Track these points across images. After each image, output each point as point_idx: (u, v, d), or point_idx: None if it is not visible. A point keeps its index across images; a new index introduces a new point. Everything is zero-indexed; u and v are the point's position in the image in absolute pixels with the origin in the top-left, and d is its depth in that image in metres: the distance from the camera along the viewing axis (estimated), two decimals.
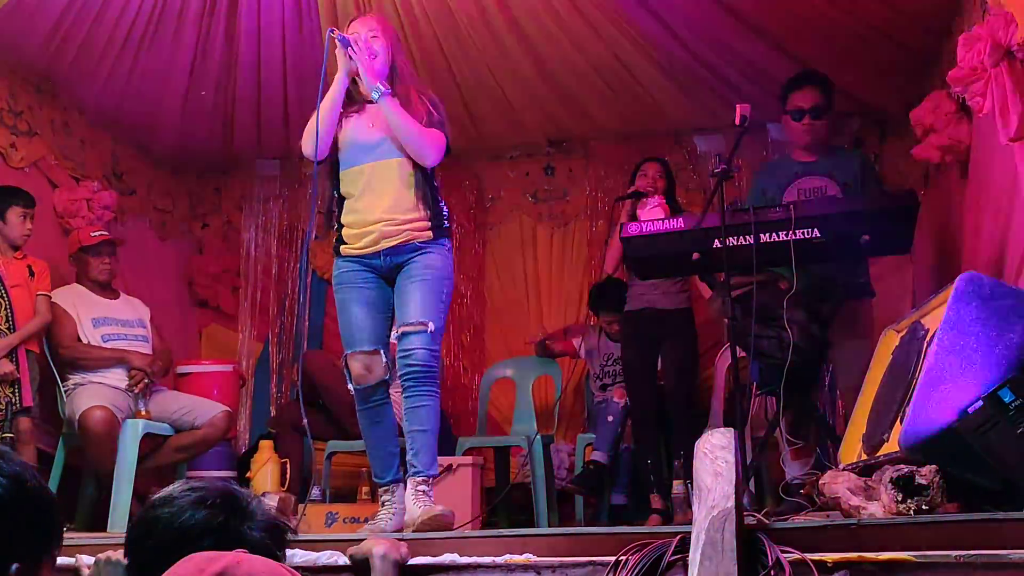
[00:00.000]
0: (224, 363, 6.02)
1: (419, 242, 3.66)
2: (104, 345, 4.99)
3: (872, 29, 4.97)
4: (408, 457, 3.62)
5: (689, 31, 5.24)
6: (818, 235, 3.88)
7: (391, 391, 3.78)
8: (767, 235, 3.90)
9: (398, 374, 3.66)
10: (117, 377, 4.92)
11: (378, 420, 3.72)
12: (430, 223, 3.69)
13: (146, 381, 4.92)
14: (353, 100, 3.82)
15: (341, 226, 3.78)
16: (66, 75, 5.46)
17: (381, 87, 3.66)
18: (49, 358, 4.87)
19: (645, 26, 5.21)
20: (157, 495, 1.77)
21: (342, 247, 3.77)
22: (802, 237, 3.88)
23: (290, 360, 6.77)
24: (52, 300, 4.87)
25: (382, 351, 3.68)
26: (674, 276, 4.89)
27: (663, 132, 6.41)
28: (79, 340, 4.95)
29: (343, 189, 3.78)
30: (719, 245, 3.89)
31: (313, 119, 3.70)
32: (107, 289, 5.19)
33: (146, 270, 6.30)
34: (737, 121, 3.83)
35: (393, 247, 3.68)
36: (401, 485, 3.71)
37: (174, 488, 1.77)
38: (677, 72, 5.64)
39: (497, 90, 5.85)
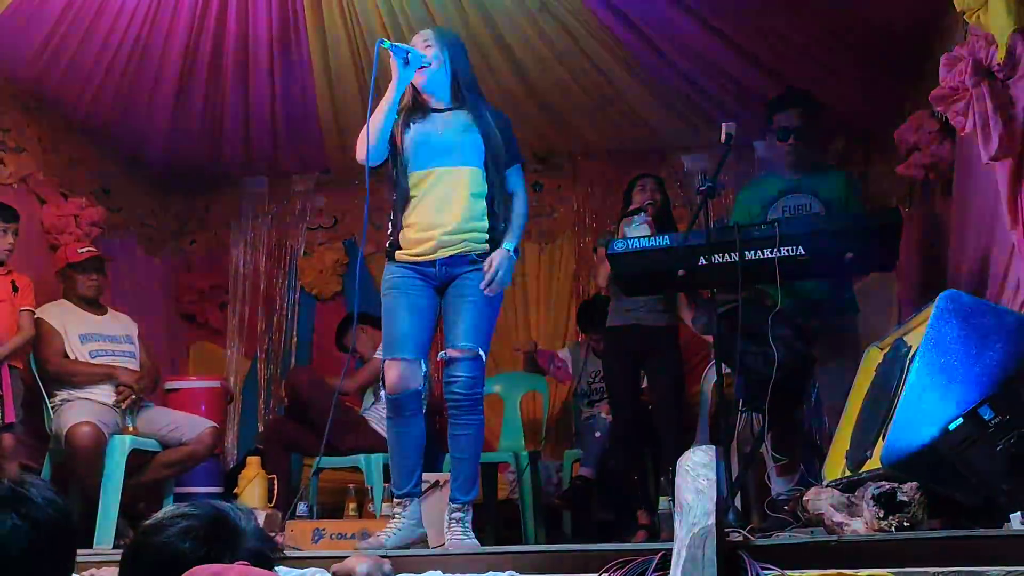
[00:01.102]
0: (212, 379, 6.02)
1: (476, 254, 3.62)
2: (92, 361, 4.98)
3: (856, 48, 5.02)
4: (451, 482, 3.64)
5: (675, 50, 5.29)
6: (803, 252, 3.90)
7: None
8: (752, 252, 3.92)
9: (445, 398, 3.63)
10: (104, 393, 4.91)
11: (407, 431, 3.64)
12: (489, 235, 3.64)
13: (133, 397, 4.91)
14: (417, 107, 3.76)
15: (399, 229, 3.70)
16: (55, 92, 5.47)
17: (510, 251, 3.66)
18: (36, 374, 4.86)
19: (631, 46, 5.26)
20: (148, 521, 1.80)
21: (397, 252, 3.69)
22: (787, 254, 3.90)
23: (278, 376, 6.77)
24: (39, 316, 4.87)
25: (422, 361, 3.62)
26: (660, 293, 4.90)
27: (650, 150, 6.46)
28: (66, 356, 4.94)
29: (410, 191, 3.70)
30: (705, 262, 3.91)
31: (366, 127, 3.64)
32: (94, 305, 5.18)
33: (134, 286, 6.30)
34: (722, 139, 3.86)
35: (450, 257, 3.62)
36: (417, 499, 3.64)
37: (164, 515, 1.80)
38: (664, 91, 5.68)
39: None
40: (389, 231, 3.76)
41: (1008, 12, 3.06)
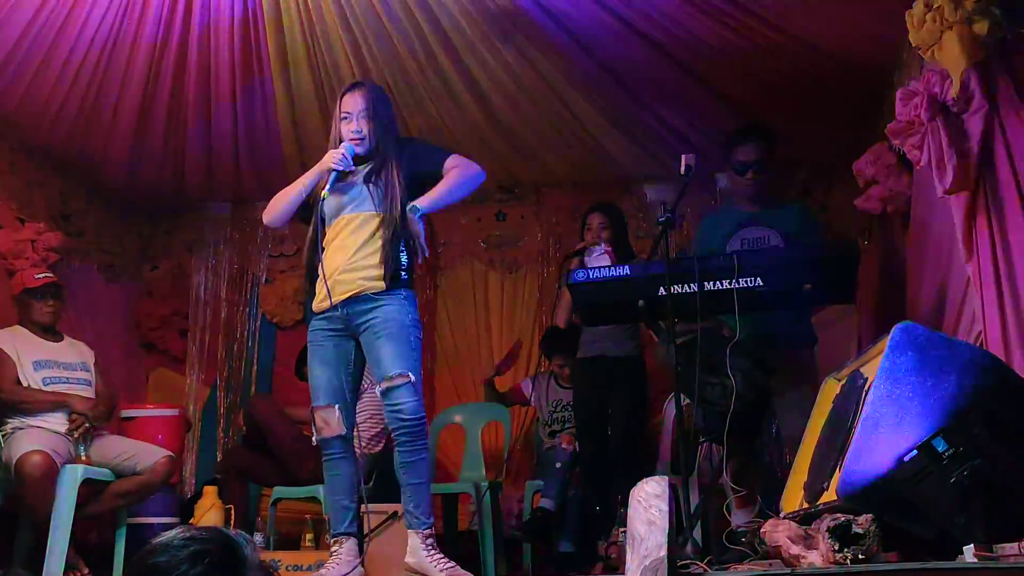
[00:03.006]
0: (169, 408, 5.93)
1: (372, 293, 3.70)
2: (45, 388, 4.89)
3: (816, 82, 5.06)
4: (409, 509, 3.70)
5: (638, 82, 5.32)
6: (761, 284, 3.91)
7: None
8: (711, 283, 3.92)
9: (391, 428, 3.73)
10: (58, 421, 4.82)
11: (335, 472, 3.80)
12: (383, 272, 3.71)
13: (87, 425, 4.83)
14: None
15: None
16: (13, 116, 5.41)
17: (417, 209, 3.72)
18: None
19: (593, 77, 5.28)
20: (156, 541, 1.77)
21: (313, 303, 3.86)
22: (746, 286, 3.91)
23: (238, 404, 6.69)
24: None
25: (337, 406, 3.75)
26: (620, 323, 4.90)
27: (613, 180, 6.49)
28: (19, 383, 4.86)
29: (321, 243, 3.84)
30: (664, 292, 3.91)
31: (281, 194, 3.94)
32: (50, 332, 5.10)
33: (93, 313, 6.23)
34: (682, 170, 3.87)
35: (347, 299, 3.72)
36: (352, 539, 3.77)
37: (173, 536, 1.77)
38: (627, 122, 5.71)
39: (449, 137, 5.87)
40: None
41: (961, 48, 3.11)
